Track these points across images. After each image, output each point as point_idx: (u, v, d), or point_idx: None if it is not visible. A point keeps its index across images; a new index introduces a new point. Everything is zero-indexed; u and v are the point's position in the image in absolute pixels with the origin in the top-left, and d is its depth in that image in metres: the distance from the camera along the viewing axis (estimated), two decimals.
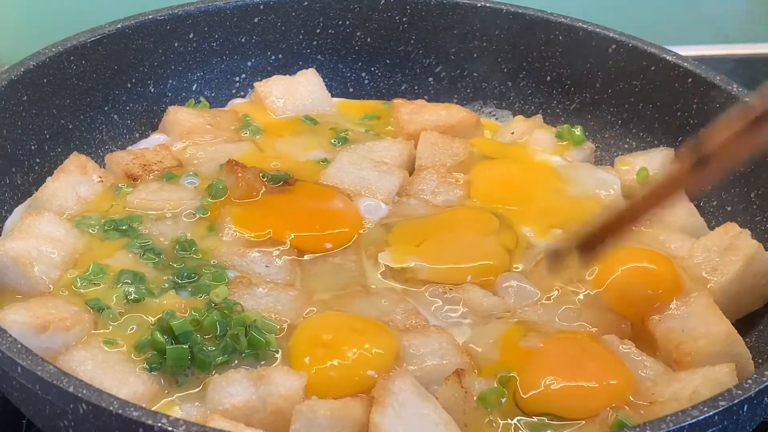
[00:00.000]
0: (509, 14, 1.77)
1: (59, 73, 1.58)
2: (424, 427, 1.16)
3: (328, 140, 1.66)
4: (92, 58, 1.62)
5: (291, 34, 1.80)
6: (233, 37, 1.77)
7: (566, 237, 1.39)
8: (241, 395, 1.19)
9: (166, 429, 1.00)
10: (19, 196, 1.51)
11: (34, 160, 1.56)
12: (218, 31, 1.75)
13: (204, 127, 1.65)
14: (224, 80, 1.79)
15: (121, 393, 1.18)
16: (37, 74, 1.54)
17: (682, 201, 1.54)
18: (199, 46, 1.75)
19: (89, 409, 1.03)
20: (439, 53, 1.82)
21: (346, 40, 1.82)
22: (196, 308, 1.30)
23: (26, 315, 1.24)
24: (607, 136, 1.75)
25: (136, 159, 1.57)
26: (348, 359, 1.24)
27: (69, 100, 1.61)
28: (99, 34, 1.62)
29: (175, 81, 1.74)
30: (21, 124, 1.53)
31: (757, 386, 1.08)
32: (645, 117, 1.70)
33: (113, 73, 1.66)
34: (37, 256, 1.35)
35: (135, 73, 1.69)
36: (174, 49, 1.72)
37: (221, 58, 1.77)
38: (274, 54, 1.80)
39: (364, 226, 1.50)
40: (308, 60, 1.81)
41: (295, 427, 1.15)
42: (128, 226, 1.45)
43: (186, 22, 1.72)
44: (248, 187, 1.50)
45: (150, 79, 1.72)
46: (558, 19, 1.74)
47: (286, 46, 1.80)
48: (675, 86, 1.64)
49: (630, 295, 1.35)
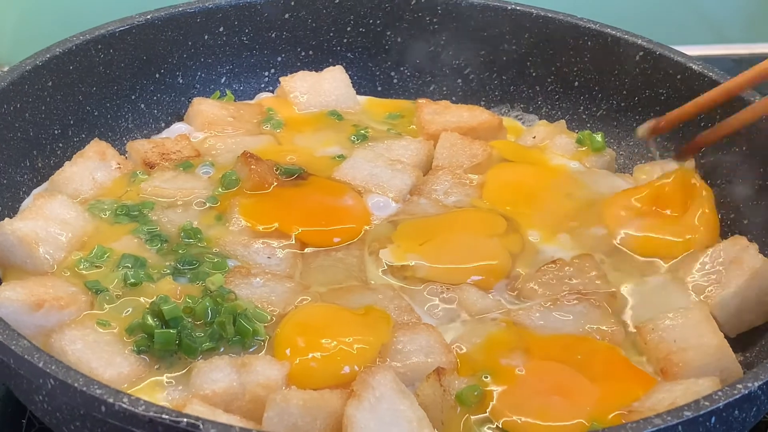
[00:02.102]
0: (539, 18, 1.76)
1: (86, 61, 1.62)
2: (396, 422, 1.16)
3: (347, 137, 1.67)
4: (120, 48, 1.66)
5: (321, 31, 1.81)
6: (263, 32, 1.79)
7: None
8: (223, 381, 1.20)
9: (125, 408, 1.01)
10: (39, 179, 1.55)
11: (57, 144, 1.59)
12: (248, 26, 1.77)
13: (226, 119, 1.68)
14: (253, 74, 1.81)
15: (106, 373, 1.22)
16: (63, 61, 1.58)
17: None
18: (229, 40, 1.77)
19: (56, 384, 1.05)
20: (469, 55, 1.82)
21: (376, 39, 1.83)
22: (190, 295, 1.32)
23: (21, 292, 1.28)
24: (631, 143, 1.73)
25: (155, 147, 1.60)
26: (330, 351, 1.25)
27: (95, 87, 1.65)
28: (128, 24, 1.66)
29: (204, 73, 1.77)
30: (45, 109, 1.57)
31: (726, 398, 1.06)
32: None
33: (141, 63, 1.70)
34: (44, 237, 1.38)
35: (164, 63, 1.72)
36: (204, 41, 1.75)
37: (251, 52, 1.80)
38: (304, 50, 1.82)
39: (371, 222, 1.50)
40: (338, 57, 1.82)
41: (267, 415, 1.16)
42: (139, 212, 1.48)
43: (216, 16, 1.74)
44: (260, 179, 1.52)
45: (179, 71, 1.75)
46: (587, 25, 1.73)
47: (316, 42, 1.82)
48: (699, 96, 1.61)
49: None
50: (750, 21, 2.29)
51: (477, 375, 1.25)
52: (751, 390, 1.07)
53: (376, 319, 1.32)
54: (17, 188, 1.52)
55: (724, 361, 1.26)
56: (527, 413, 1.19)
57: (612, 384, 1.25)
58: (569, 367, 1.26)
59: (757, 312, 1.38)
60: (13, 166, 1.51)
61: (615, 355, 1.30)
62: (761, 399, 1.09)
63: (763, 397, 1.09)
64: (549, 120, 1.78)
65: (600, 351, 1.30)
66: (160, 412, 1.01)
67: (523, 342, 1.30)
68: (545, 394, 1.22)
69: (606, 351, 1.31)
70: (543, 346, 1.30)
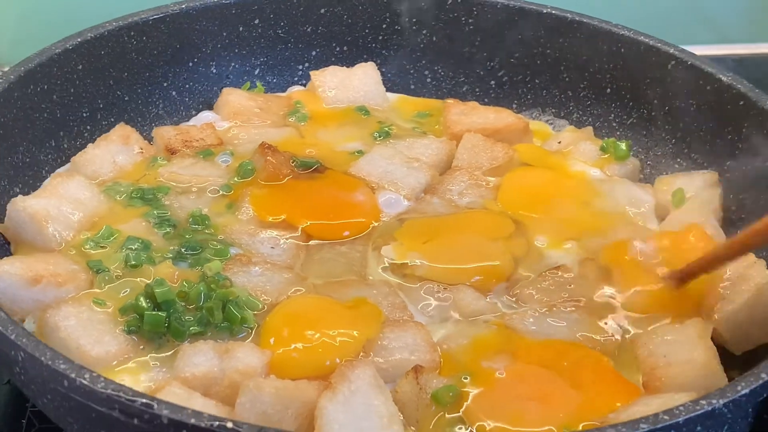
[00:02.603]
0: (574, 23, 1.74)
1: (118, 47, 1.65)
2: (367, 417, 1.16)
3: (370, 133, 1.68)
4: (154, 35, 1.69)
5: (357, 28, 1.82)
6: (299, 26, 1.80)
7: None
8: (204, 366, 1.22)
9: (85, 384, 1.04)
10: (63, 159, 1.59)
11: (85, 127, 1.63)
12: (284, 19, 1.79)
13: (252, 110, 1.70)
14: (287, 67, 1.83)
15: (93, 350, 1.25)
16: (94, 45, 1.62)
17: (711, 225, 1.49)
18: (265, 32, 1.79)
19: (26, 357, 1.08)
20: (503, 57, 1.81)
21: (411, 38, 1.83)
22: (187, 279, 1.34)
23: (20, 267, 1.31)
24: (659, 153, 1.70)
25: (179, 134, 1.63)
26: (312, 343, 1.26)
27: (127, 73, 1.68)
28: (162, 12, 1.69)
29: (238, 64, 1.80)
30: (74, 92, 1.61)
31: (686, 413, 1.03)
32: (698, 137, 1.64)
33: (175, 52, 1.73)
34: (54, 215, 1.42)
35: (197, 53, 1.75)
36: (239, 33, 1.77)
37: (286, 45, 1.81)
38: (339, 46, 1.83)
39: (380, 219, 1.51)
40: (372, 54, 1.83)
41: (240, 401, 1.17)
42: (153, 196, 1.50)
43: (252, 8, 1.77)
44: (274, 170, 1.54)
45: (212, 60, 1.77)
46: (621, 32, 1.71)
47: (351, 38, 1.83)
48: (728, 108, 1.58)
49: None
50: (752, 21, 2.23)
51: (457, 375, 1.25)
52: (715, 407, 1.05)
53: (365, 313, 1.32)
54: (40, 167, 1.56)
55: (710, 379, 1.23)
56: (498, 417, 1.19)
57: (594, 393, 1.24)
58: (552, 373, 1.25)
59: (763, 329, 1.34)
60: (38, 146, 1.55)
61: (603, 365, 1.29)
62: (729, 417, 1.06)
63: (730, 416, 1.06)
64: (579, 126, 1.76)
65: (588, 359, 1.29)
66: (117, 390, 1.03)
67: (510, 346, 1.30)
68: (520, 399, 1.21)
69: (594, 359, 1.29)
70: (531, 350, 1.29)
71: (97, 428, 1.10)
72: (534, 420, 1.18)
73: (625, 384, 1.27)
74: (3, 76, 1.49)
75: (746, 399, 1.07)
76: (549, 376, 1.25)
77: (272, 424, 1.15)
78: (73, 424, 1.14)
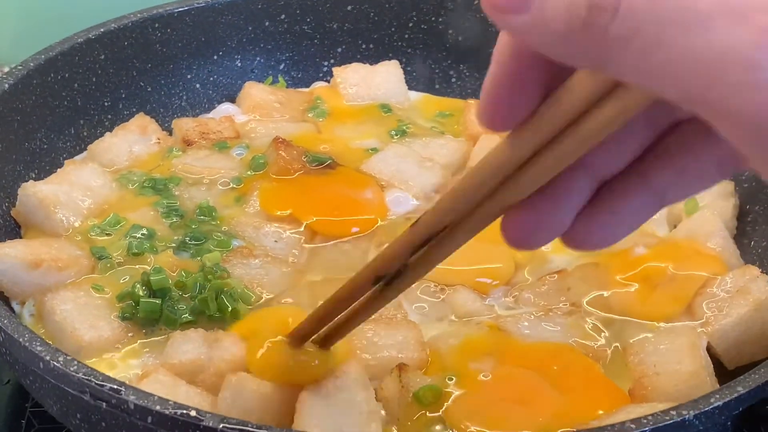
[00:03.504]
0: None
1: (142, 38, 1.67)
2: (347, 412, 1.16)
3: (387, 131, 1.68)
4: (178, 28, 1.71)
5: (383, 26, 1.83)
6: (325, 22, 1.81)
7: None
8: (192, 353, 1.23)
9: (58, 366, 1.06)
10: (81, 147, 1.61)
11: (106, 116, 1.66)
12: (310, 15, 1.80)
13: (272, 104, 1.71)
14: (312, 63, 1.84)
15: (87, 335, 1.27)
16: (117, 36, 1.64)
17: (721, 236, 1.47)
18: (290, 28, 1.80)
19: (6, 338, 1.11)
20: None
21: (437, 37, 1.83)
22: (186, 269, 1.36)
23: (21, 250, 1.34)
24: None
25: (198, 126, 1.65)
26: None
27: (150, 64, 1.70)
28: (187, 5, 1.71)
29: (263, 58, 1.81)
30: (96, 81, 1.63)
31: (654, 423, 1.02)
32: None
33: (200, 44, 1.74)
34: (64, 201, 1.44)
35: (222, 46, 1.77)
36: (264, 28, 1.79)
37: (311, 41, 1.82)
38: (365, 43, 1.84)
39: (387, 217, 1.51)
40: (398, 52, 1.83)
41: (222, 395, 1.18)
42: (164, 186, 1.52)
43: (278, 3, 1.78)
44: (285, 164, 1.55)
45: (237, 54, 1.79)
46: None
47: (377, 36, 1.83)
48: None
49: None
50: None
51: (443, 375, 1.24)
52: (685, 418, 1.03)
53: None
54: (58, 154, 1.58)
55: (697, 390, 1.20)
56: (477, 420, 1.18)
57: (579, 398, 1.22)
58: (538, 377, 1.24)
59: (760, 345, 1.31)
60: (56, 132, 1.58)
61: (592, 370, 1.27)
62: (700, 429, 1.04)
63: (702, 428, 1.04)
64: None
65: (577, 363, 1.27)
66: (88, 374, 1.05)
67: (500, 348, 1.29)
68: (502, 403, 1.21)
69: (584, 364, 1.28)
70: (520, 353, 1.28)
71: (74, 410, 1.13)
72: (513, 424, 1.17)
73: (613, 391, 1.25)
74: (23, 63, 1.52)
75: (719, 411, 1.05)
76: (534, 379, 1.24)
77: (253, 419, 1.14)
78: (53, 406, 1.17)
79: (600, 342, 1.32)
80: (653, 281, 1.38)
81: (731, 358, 1.32)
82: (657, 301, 1.36)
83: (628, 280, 1.39)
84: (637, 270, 1.40)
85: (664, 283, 1.38)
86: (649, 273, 1.39)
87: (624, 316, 1.36)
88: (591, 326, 1.34)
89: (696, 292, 1.36)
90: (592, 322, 1.34)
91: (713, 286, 1.36)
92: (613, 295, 1.38)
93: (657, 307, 1.36)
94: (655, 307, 1.36)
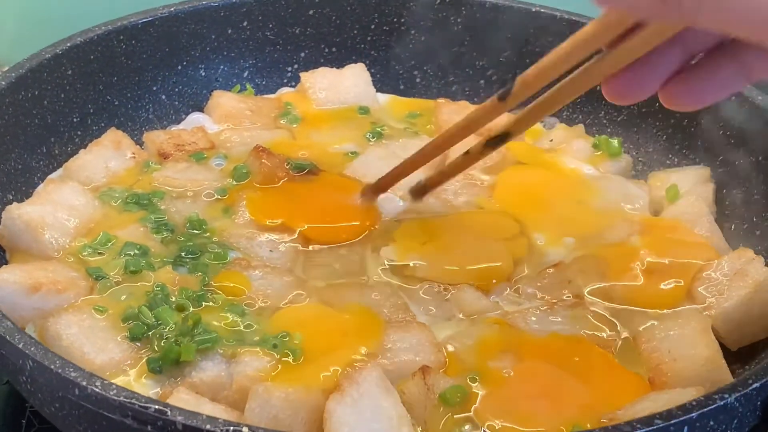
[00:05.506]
0: (563, 20, 1.75)
1: (107, 51, 1.64)
2: (376, 419, 1.16)
3: (363, 134, 1.68)
4: (143, 39, 1.68)
5: (345, 29, 1.82)
6: (287, 27, 1.80)
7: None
8: (212, 371, 1.22)
9: (97, 392, 1.03)
10: (54, 165, 1.57)
11: (75, 132, 1.62)
12: (272, 21, 1.79)
13: (244, 112, 1.69)
14: (276, 69, 1.82)
15: (98, 359, 1.23)
16: (83, 50, 1.60)
17: (707, 220, 1.50)
18: (253, 35, 1.79)
19: (35, 366, 1.07)
20: (492, 56, 1.81)
21: (400, 38, 1.83)
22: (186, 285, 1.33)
23: (20, 275, 1.30)
24: (651, 150, 1.71)
25: (171, 138, 1.62)
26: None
27: (116, 77, 1.67)
28: (151, 16, 1.68)
29: (227, 66, 1.79)
30: (64, 97, 1.59)
31: (699, 408, 1.04)
32: (689, 133, 1.66)
33: (164, 55, 1.72)
34: (50, 222, 1.40)
35: (186, 56, 1.74)
36: (227, 35, 1.77)
37: (274, 47, 1.81)
38: (327, 47, 1.83)
39: (379, 220, 1.50)
40: (361, 55, 1.83)
41: (249, 406, 1.16)
42: (148, 201, 1.49)
43: (240, 10, 1.76)
44: (269, 173, 1.53)
45: (201, 63, 1.76)
46: None
47: (340, 39, 1.83)
48: (717, 103, 1.59)
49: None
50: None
51: (464, 376, 1.24)
52: (727, 402, 1.05)
53: (366, 324, 1.31)
54: (32, 174, 1.54)
55: (715, 373, 1.24)
56: (507, 417, 1.19)
57: (603, 389, 1.24)
58: (560, 370, 1.26)
59: (760, 325, 1.35)
60: (29, 152, 1.53)
61: (608, 360, 1.29)
62: (740, 411, 1.07)
63: (741, 410, 1.07)
64: (570, 123, 1.77)
65: (593, 354, 1.29)
66: (130, 397, 1.02)
67: (515, 344, 1.30)
68: (529, 398, 1.21)
69: (600, 355, 1.30)
70: (537, 348, 1.29)
71: None
72: (544, 418, 1.18)
73: (632, 379, 1.27)
74: None
75: (756, 393, 1.07)
76: (557, 372, 1.25)
77: (283, 428, 1.15)
78: None
79: (608, 332, 1.34)
80: (650, 269, 1.41)
81: (734, 340, 1.35)
82: (657, 288, 1.39)
83: (625, 269, 1.41)
84: (632, 259, 1.42)
85: (661, 270, 1.40)
86: (644, 261, 1.41)
87: (626, 305, 1.38)
88: (597, 317, 1.35)
89: (693, 277, 1.39)
90: (598, 312, 1.36)
91: (709, 270, 1.39)
92: (613, 285, 1.40)
93: (658, 294, 1.38)
94: (656, 294, 1.38)
